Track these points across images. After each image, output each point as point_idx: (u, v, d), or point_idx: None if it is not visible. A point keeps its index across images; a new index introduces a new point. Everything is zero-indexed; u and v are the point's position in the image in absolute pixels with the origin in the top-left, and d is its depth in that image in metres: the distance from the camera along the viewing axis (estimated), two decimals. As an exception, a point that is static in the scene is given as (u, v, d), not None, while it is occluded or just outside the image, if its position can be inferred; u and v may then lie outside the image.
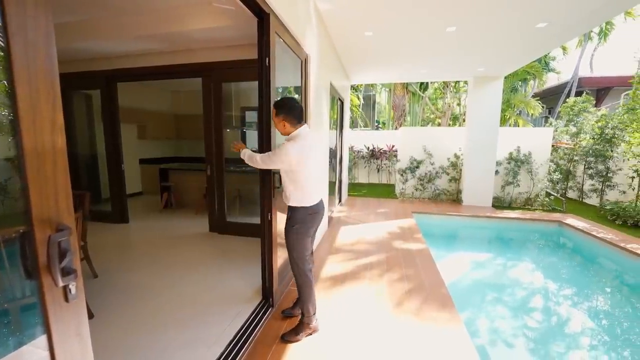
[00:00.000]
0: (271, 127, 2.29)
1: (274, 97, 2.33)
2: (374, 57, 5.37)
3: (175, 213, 5.67)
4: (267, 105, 2.25)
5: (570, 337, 2.93)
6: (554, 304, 3.56)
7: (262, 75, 2.24)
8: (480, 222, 6.15)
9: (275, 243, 2.46)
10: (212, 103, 4.19)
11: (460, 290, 3.50)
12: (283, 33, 2.49)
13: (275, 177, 2.36)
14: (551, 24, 3.77)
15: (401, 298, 2.77)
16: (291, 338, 2.15)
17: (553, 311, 3.40)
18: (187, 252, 3.79)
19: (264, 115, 2.27)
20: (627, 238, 4.86)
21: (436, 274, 3.32)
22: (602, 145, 7.07)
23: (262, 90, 2.26)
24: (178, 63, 4.17)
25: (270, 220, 2.36)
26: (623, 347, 2.79)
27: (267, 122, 2.28)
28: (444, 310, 2.58)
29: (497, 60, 5.40)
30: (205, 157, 4.36)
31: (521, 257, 5.07)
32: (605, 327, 3.13)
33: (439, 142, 7.67)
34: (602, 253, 4.71)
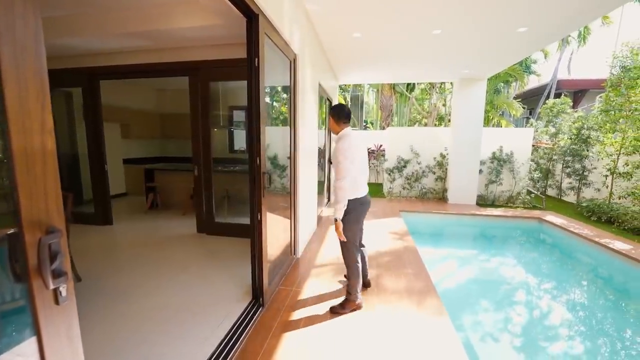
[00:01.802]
0: (260, 128, 2.29)
1: (264, 97, 2.33)
2: (362, 58, 5.43)
3: (161, 214, 5.57)
4: (256, 106, 2.26)
5: (550, 328, 3.07)
6: (535, 298, 3.72)
7: (252, 76, 2.24)
8: (466, 220, 6.32)
9: (265, 244, 2.47)
10: (200, 102, 4.14)
11: (447, 287, 3.61)
12: (272, 33, 2.50)
13: (265, 176, 2.37)
14: (531, 29, 3.92)
15: (390, 297, 2.83)
16: (338, 310, 2.48)
17: (534, 304, 3.55)
18: (175, 254, 3.74)
19: (253, 116, 2.27)
20: (601, 233, 5.12)
21: (425, 273, 3.40)
22: (578, 145, 7.40)
23: (251, 91, 2.26)
24: (164, 61, 4.09)
25: (260, 221, 2.36)
26: (598, 335, 2.95)
27: (257, 123, 2.28)
28: (432, 307, 2.65)
29: (481, 62, 5.56)
30: (193, 157, 4.30)
31: (504, 254, 5.25)
32: (581, 316, 3.30)
33: (426, 141, 7.83)
34: (579, 248, 4.94)
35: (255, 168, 2.30)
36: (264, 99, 2.33)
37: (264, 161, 2.37)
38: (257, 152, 2.29)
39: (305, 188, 3.90)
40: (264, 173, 2.35)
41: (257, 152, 2.29)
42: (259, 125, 2.27)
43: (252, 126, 2.29)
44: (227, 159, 5.99)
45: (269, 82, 2.75)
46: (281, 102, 3.40)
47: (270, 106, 3.18)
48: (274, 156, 3.13)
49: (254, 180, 2.32)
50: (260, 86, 2.24)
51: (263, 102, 2.31)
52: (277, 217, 3.08)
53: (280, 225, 3.14)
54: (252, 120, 2.28)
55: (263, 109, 2.32)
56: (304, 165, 3.79)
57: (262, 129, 2.30)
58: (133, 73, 4.36)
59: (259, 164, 2.29)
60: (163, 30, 3.43)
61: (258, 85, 2.23)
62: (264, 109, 2.36)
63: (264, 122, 2.34)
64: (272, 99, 3.38)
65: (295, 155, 3.41)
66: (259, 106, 2.25)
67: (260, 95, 2.25)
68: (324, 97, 5.93)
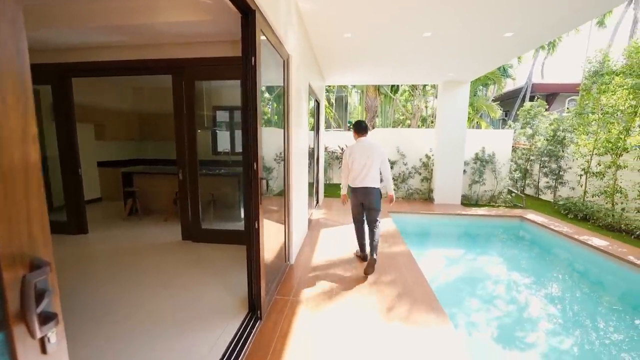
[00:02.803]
0: (258, 130, 2.16)
1: (260, 97, 2.20)
2: (351, 59, 5.39)
3: (141, 221, 5.25)
4: (253, 107, 2.12)
5: (534, 321, 3.14)
6: (517, 293, 3.82)
7: (248, 75, 2.11)
8: (452, 220, 6.43)
9: (263, 253, 2.34)
10: (184, 102, 3.92)
11: (442, 287, 3.61)
12: (267, 31, 2.37)
13: (262, 182, 2.24)
14: (516, 34, 4.02)
15: (390, 302, 2.77)
16: None
17: (517, 299, 3.64)
18: (161, 263, 3.50)
19: (249, 117, 2.14)
20: (579, 230, 5.36)
21: (420, 275, 3.38)
22: (554, 146, 7.75)
23: (247, 91, 2.12)
24: (145, 58, 3.84)
25: (257, 229, 2.23)
26: (576, 326, 3.07)
27: (253, 125, 2.14)
28: (432, 312, 2.62)
29: (467, 65, 5.67)
30: (177, 160, 4.06)
31: (490, 252, 5.38)
32: (559, 309, 3.42)
33: (411, 143, 7.92)
34: (560, 244, 5.14)
35: (252, 173, 2.16)
36: (260, 100, 2.20)
37: (261, 166, 2.24)
38: (254, 157, 2.15)
39: (298, 191, 3.79)
40: (262, 179, 2.22)
41: (254, 156, 2.15)
42: (256, 127, 2.14)
43: (248, 128, 2.15)
44: (211, 161, 5.75)
45: (263, 82, 2.63)
46: (275, 103, 3.27)
47: (265, 107, 3.04)
48: (268, 158, 3.00)
49: (251, 186, 2.19)
50: (257, 86, 2.11)
51: (259, 103, 2.18)
52: (271, 222, 2.95)
53: (274, 230, 3.01)
54: (248, 122, 2.14)
55: (259, 111, 2.19)
56: (297, 167, 3.67)
57: (259, 131, 2.17)
58: (110, 70, 4.06)
59: (256, 169, 2.16)
60: (146, 24, 3.20)
61: (255, 85, 2.10)
62: (261, 110, 2.23)
63: (260, 124, 2.21)
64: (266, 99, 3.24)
65: (289, 157, 3.29)
66: (255, 107, 2.12)
67: (257, 95, 2.12)
68: (313, 98, 5.83)
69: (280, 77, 3.07)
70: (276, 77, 3.03)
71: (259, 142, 2.19)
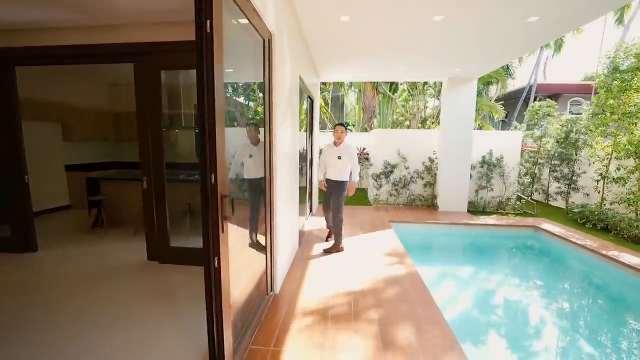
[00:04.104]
0: (217, 130, 1.50)
1: (222, 83, 1.55)
2: (348, 49, 4.75)
3: (107, 235, 4.54)
4: (210, 96, 1.47)
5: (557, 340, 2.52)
6: (545, 325, 3.19)
7: (203, 49, 1.46)
8: (459, 230, 5.82)
9: (228, 298, 1.68)
10: (149, 96, 3.26)
11: (460, 321, 2.98)
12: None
13: (227, 202, 1.59)
14: (543, 18, 3.42)
15: (401, 345, 2.13)
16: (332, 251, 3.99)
17: (547, 333, 3.01)
18: (115, 295, 2.82)
19: (206, 111, 1.48)
20: (604, 244, 4.76)
21: (436, 312, 2.74)
22: (566, 149, 7.19)
23: (202, 74, 1.47)
24: (101, 43, 3.17)
25: (218, 269, 1.57)
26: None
27: (211, 123, 1.49)
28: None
29: (478, 58, 5.07)
30: (141, 165, 3.39)
31: (505, 270, 4.74)
32: (604, 340, 2.79)
33: (413, 145, 7.31)
34: (584, 260, 4.54)
35: (210, 189, 1.51)
36: (221, 87, 1.55)
37: (224, 179, 1.59)
38: (211, 167, 1.50)
39: (285, 202, 3.14)
40: (225, 197, 1.57)
41: (212, 166, 1.50)
42: (215, 125, 1.49)
43: (205, 127, 1.49)
44: (193, 164, 5.09)
45: (232, 67, 1.98)
46: (249, 95, 2.61)
47: (234, 100, 2.39)
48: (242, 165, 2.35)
49: (208, 208, 1.53)
50: (215, 65, 1.46)
51: (220, 92, 1.53)
52: (246, 241, 2.30)
53: (251, 253, 2.36)
54: (205, 118, 1.49)
55: (220, 103, 1.54)
56: (283, 174, 3.02)
57: (219, 131, 1.52)
58: (60, 58, 3.37)
59: (215, 183, 1.50)
60: None
61: (212, 63, 1.45)
62: (223, 102, 1.58)
63: (222, 120, 1.56)
64: (238, 91, 2.59)
65: (272, 163, 2.64)
66: (213, 96, 1.47)
67: (215, 79, 1.47)
68: (305, 95, 5.20)
69: (260, 67, 2.42)
70: (254, 62, 2.39)
71: (220, 147, 1.54)
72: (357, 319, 2.52)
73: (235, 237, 1.93)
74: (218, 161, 1.51)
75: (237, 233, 2.06)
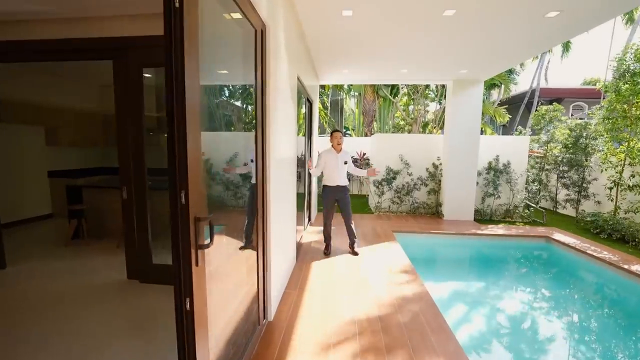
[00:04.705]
0: (188, 135, 1.17)
1: (196, 72, 1.22)
2: (350, 48, 4.45)
3: (87, 248, 4.17)
4: (179, 87, 1.14)
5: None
6: (585, 353, 2.84)
7: (171, 30, 1.13)
8: (467, 241, 5.48)
9: (205, 350, 1.33)
10: (129, 96, 2.92)
11: (482, 352, 2.63)
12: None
13: (203, 226, 1.24)
14: (564, 13, 3.13)
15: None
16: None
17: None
18: (85, 322, 2.46)
19: (175, 112, 1.15)
20: (624, 257, 4.43)
21: (450, 337, 2.39)
22: (575, 155, 6.90)
23: (171, 59, 1.14)
24: (74, 37, 2.84)
25: (190, 312, 1.22)
26: None
27: (181, 126, 1.15)
28: None
29: (488, 58, 4.78)
30: (120, 172, 3.04)
31: (519, 286, 4.37)
32: None
33: (416, 150, 7.00)
34: (605, 276, 4.19)
35: (179, 211, 1.17)
36: (196, 79, 1.21)
37: (199, 197, 1.24)
38: (181, 182, 1.16)
39: (280, 213, 2.80)
40: (201, 220, 1.22)
41: (182, 180, 1.16)
42: (185, 131, 1.15)
43: (173, 134, 1.15)
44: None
45: (213, 60, 1.65)
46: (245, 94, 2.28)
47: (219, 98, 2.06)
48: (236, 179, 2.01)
49: (177, 235, 1.19)
50: (186, 51, 1.13)
51: (195, 86, 1.20)
52: (234, 258, 1.96)
53: (239, 272, 2.02)
54: (174, 120, 1.15)
55: (194, 102, 1.20)
56: (278, 182, 2.69)
57: (192, 138, 1.18)
58: (29, 54, 3.03)
59: (186, 202, 1.16)
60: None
61: (181, 48, 1.12)
62: (197, 99, 1.24)
63: (196, 124, 1.23)
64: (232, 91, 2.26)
65: (265, 170, 2.31)
66: (183, 92, 1.13)
67: (187, 68, 1.14)
68: (304, 97, 4.88)
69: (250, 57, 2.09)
70: (243, 56, 2.06)
71: (194, 156, 1.20)
72: (364, 354, 2.16)
73: (221, 252, 1.58)
74: (190, 174, 1.17)
75: (226, 247, 1.72)
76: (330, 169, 4.05)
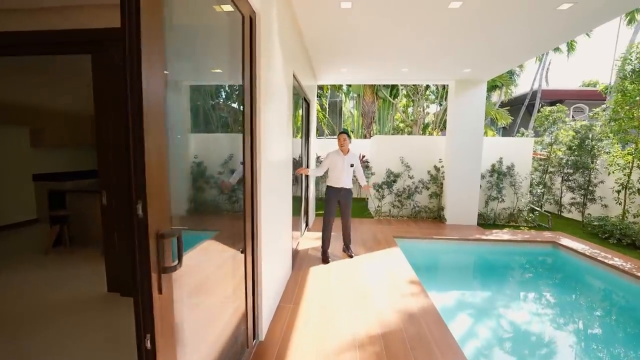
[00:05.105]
0: (146, 138, 0.93)
1: (159, 57, 0.99)
2: (349, 44, 4.24)
3: (70, 256, 3.92)
4: (134, 77, 0.91)
5: None
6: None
7: (126, 14, 0.90)
8: (472, 247, 5.25)
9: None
10: (110, 93, 2.69)
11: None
12: None
13: (168, 244, 1.01)
14: (577, 5, 2.92)
15: None
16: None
17: None
18: (56, 345, 2.20)
19: (130, 109, 0.92)
20: (638, 263, 4.22)
21: (460, 358, 2.15)
22: (580, 157, 6.70)
23: (125, 43, 0.91)
24: (48, 29, 2.61)
25: (152, 351, 0.98)
26: None
27: (136, 122, 0.92)
28: None
29: (494, 55, 4.56)
30: (99, 176, 2.81)
31: (529, 297, 4.16)
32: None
33: (418, 152, 6.78)
34: (621, 286, 3.96)
35: (136, 226, 0.93)
36: (160, 74, 0.99)
37: (162, 208, 1.01)
38: (138, 191, 0.92)
39: (272, 220, 2.56)
40: (164, 236, 0.99)
41: (139, 189, 0.92)
42: (142, 131, 0.91)
43: (128, 137, 0.92)
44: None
45: (191, 52, 1.43)
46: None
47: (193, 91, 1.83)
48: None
49: (135, 254, 0.95)
50: (143, 33, 0.90)
51: (158, 82, 0.97)
52: (216, 273, 1.72)
53: (224, 289, 1.77)
54: (128, 121, 0.92)
55: (156, 97, 0.97)
56: (270, 187, 2.45)
57: (151, 140, 0.95)
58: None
59: (144, 215, 0.93)
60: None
61: (137, 40, 0.89)
62: (160, 92, 1.01)
63: (158, 124, 1.00)
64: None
65: (255, 173, 2.07)
66: (140, 89, 0.90)
67: (144, 53, 0.91)
68: (301, 97, 4.67)
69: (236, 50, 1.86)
70: (230, 49, 1.83)
71: (155, 161, 0.97)
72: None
73: (199, 268, 1.34)
74: (149, 182, 0.93)
75: (206, 260, 1.48)
76: (336, 171, 4.01)
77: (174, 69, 1.23)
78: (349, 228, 4.21)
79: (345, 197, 4.08)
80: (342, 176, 4.00)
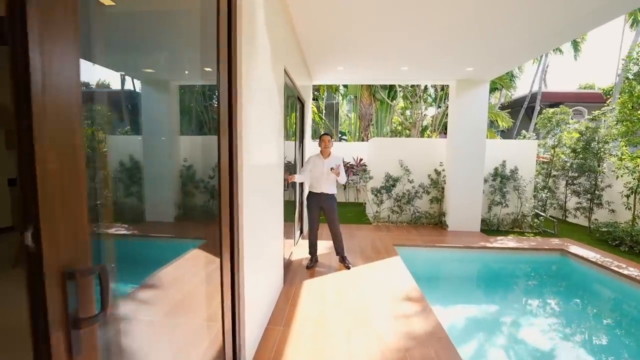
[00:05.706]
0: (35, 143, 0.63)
1: (72, 52, 0.70)
2: (345, 41, 3.97)
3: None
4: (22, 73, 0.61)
5: None
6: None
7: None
8: (476, 255, 4.96)
9: None
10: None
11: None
12: None
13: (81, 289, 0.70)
14: (577, 4, 2.67)
15: None
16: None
17: None
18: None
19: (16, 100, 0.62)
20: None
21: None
22: (586, 160, 6.46)
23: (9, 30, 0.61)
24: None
25: None
26: None
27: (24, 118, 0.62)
28: None
29: (499, 53, 4.29)
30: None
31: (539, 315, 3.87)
32: None
33: (417, 155, 6.51)
34: (636, 297, 3.69)
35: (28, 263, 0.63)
36: (75, 61, 0.69)
37: (72, 234, 0.70)
38: (28, 214, 0.62)
39: (257, 228, 2.26)
40: (77, 274, 0.68)
41: (30, 212, 0.62)
42: (32, 140, 0.61)
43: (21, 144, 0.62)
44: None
45: (141, 35, 1.14)
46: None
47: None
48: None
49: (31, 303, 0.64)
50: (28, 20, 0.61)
51: (69, 72, 0.68)
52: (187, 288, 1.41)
53: (194, 314, 1.47)
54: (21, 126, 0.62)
55: (63, 90, 0.68)
56: (255, 193, 2.15)
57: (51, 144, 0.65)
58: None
59: (38, 247, 0.62)
60: None
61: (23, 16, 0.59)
62: (74, 87, 0.71)
63: (75, 122, 0.70)
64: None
65: (235, 180, 1.77)
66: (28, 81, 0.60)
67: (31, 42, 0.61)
68: (295, 96, 4.38)
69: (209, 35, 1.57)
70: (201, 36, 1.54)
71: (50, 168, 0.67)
72: None
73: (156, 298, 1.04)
74: (44, 198, 0.63)
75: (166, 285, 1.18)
76: (316, 175, 3.78)
77: (115, 57, 0.94)
78: (339, 236, 3.91)
79: (327, 203, 3.81)
80: (321, 181, 3.76)
